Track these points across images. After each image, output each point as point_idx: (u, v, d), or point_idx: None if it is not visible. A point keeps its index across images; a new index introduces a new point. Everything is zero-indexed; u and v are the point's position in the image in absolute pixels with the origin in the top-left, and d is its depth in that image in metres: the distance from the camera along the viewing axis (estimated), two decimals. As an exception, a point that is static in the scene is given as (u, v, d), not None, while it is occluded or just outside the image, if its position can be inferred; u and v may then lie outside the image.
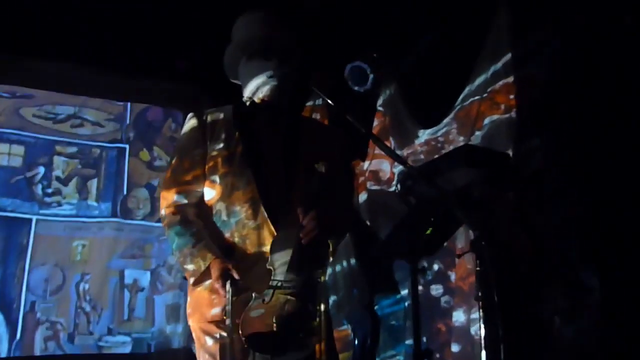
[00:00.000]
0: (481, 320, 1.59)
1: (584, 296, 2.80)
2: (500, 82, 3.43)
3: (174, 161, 1.99)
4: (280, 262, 1.77)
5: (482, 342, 1.67)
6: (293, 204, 1.85)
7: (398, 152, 3.98)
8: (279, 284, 1.73)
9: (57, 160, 4.32)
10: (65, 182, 4.31)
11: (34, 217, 4.17)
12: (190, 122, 2.00)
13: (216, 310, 1.83)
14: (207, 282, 1.84)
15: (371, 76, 4.02)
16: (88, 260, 4.25)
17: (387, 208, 3.87)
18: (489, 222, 1.76)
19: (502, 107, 3.41)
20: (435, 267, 3.53)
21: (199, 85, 4.36)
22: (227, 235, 1.90)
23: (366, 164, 4.22)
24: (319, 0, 4.02)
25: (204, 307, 1.87)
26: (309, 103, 4.33)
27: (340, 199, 2.04)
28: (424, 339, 3.41)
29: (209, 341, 1.85)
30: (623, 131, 2.83)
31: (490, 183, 1.94)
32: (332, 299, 3.97)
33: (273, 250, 1.80)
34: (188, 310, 1.96)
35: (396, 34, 4.13)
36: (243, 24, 2.06)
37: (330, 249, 1.77)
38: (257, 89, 1.98)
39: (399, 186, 2.13)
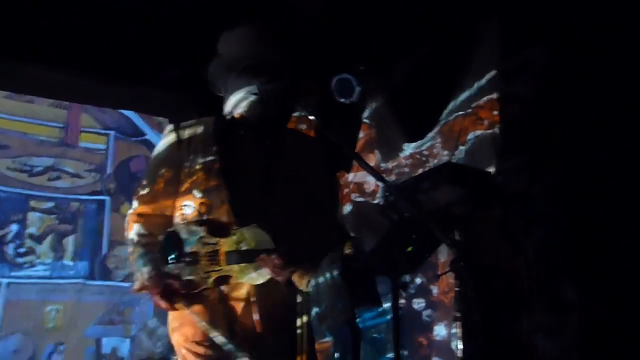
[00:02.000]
0: (459, 339, 1.60)
1: (566, 312, 2.82)
2: (485, 98, 3.47)
3: (145, 180, 2.00)
4: None
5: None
6: (269, 220, 1.87)
7: (383, 164, 4.01)
8: None
9: (32, 216, 4.08)
10: (39, 240, 4.06)
11: (4, 281, 3.89)
12: (167, 139, 2.00)
13: (195, 329, 1.82)
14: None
15: (357, 89, 4.04)
16: (62, 327, 3.94)
17: (371, 220, 3.89)
18: (469, 241, 1.77)
19: (486, 122, 3.44)
20: (418, 280, 3.54)
21: (186, 93, 4.35)
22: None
23: (351, 176, 4.24)
24: (317, 9, 4.03)
25: (185, 326, 1.86)
26: (295, 113, 4.34)
27: (324, 214, 2.05)
28: (406, 353, 3.42)
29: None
30: (607, 149, 2.87)
31: (471, 201, 1.96)
32: (314, 310, 3.96)
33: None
34: (170, 325, 1.95)
35: (383, 47, 4.17)
36: (231, 39, 2.05)
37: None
38: (241, 104, 1.99)
39: (381, 201, 2.13)
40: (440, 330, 3.28)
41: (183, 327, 1.88)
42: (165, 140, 2.00)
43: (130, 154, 4.42)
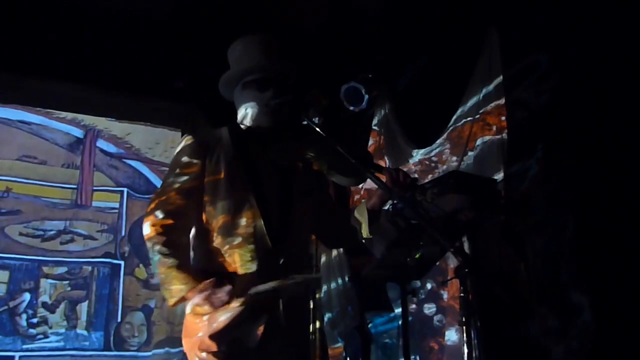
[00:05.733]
0: (465, 344, 1.63)
1: (574, 316, 2.83)
2: (492, 104, 3.49)
3: (166, 183, 1.95)
4: None
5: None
6: (291, 228, 1.90)
7: (392, 170, 4.02)
8: None
9: (44, 283, 3.95)
10: (52, 308, 3.92)
11: (17, 355, 3.75)
12: (187, 144, 1.97)
13: (203, 334, 1.85)
14: (191, 306, 1.85)
15: (366, 96, 4.08)
16: (77, 405, 3.71)
17: (381, 226, 3.91)
18: (475, 247, 1.80)
19: (494, 128, 3.46)
20: (428, 286, 3.56)
21: (195, 104, 4.41)
22: (225, 258, 1.89)
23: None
24: (315, 22, 4.07)
25: (193, 333, 1.89)
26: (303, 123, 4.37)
27: (337, 216, 2.08)
28: (417, 358, 3.44)
29: None
30: (612, 154, 2.88)
31: (477, 208, 1.99)
32: (326, 316, 3.99)
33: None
34: (183, 333, 1.98)
35: (391, 55, 4.20)
36: (239, 50, 2.05)
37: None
38: (250, 116, 2.01)
39: (390, 209, 2.17)
40: (451, 335, 3.30)
41: (189, 336, 1.89)
42: (186, 145, 1.96)
43: (143, 213, 4.33)
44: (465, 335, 1.65)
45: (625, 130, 2.80)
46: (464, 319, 1.63)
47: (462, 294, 1.64)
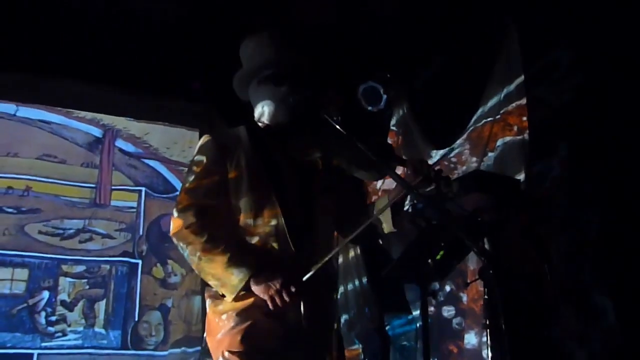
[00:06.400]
0: (489, 347, 1.59)
1: (597, 319, 2.78)
2: (513, 104, 3.44)
3: (190, 183, 1.90)
4: None
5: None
6: (313, 226, 1.88)
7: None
8: None
9: (63, 281, 3.98)
10: (70, 306, 3.94)
11: (36, 352, 3.76)
12: (207, 143, 1.94)
13: (224, 333, 1.82)
14: (221, 306, 1.84)
15: (384, 96, 4.05)
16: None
17: (400, 226, 3.87)
18: (497, 248, 1.76)
19: (515, 128, 3.41)
20: (447, 288, 3.52)
21: (212, 104, 4.41)
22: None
23: (379, 183, 4.24)
24: (333, 20, 4.05)
25: (215, 332, 1.86)
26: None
27: (359, 212, 2.06)
28: (436, 361, 3.39)
29: None
30: (637, 152, 2.82)
31: (500, 209, 1.95)
32: (343, 317, 3.97)
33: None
34: (206, 331, 1.93)
35: (409, 54, 4.17)
36: (251, 47, 2.03)
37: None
38: (268, 113, 1.98)
39: (410, 208, 2.14)
40: (470, 339, 3.25)
41: (211, 334, 1.85)
42: (206, 145, 1.92)
43: (160, 212, 4.33)
44: (489, 338, 1.60)
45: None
46: (487, 322, 1.59)
47: (486, 296, 1.60)
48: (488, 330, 1.61)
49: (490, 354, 1.61)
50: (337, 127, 1.84)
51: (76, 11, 3.80)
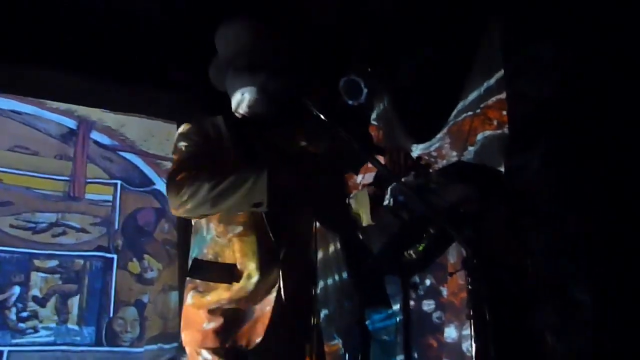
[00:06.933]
0: (472, 338, 1.58)
1: (576, 312, 2.80)
2: (493, 98, 3.45)
3: (172, 168, 1.83)
4: None
5: (473, 359, 1.66)
6: (293, 216, 1.85)
7: (391, 166, 3.98)
8: None
9: (35, 276, 3.86)
10: (43, 302, 3.83)
11: (6, 350, 3.65)
12: (189, 130, 1.87)
13: (203, 329, 1.79)
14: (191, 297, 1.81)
15: (365, 90, 4.03)
16: (66, 403, 3.62)
17: (379, 220, 3.87)
18: (480, 239, 1.75)
19: (495, 122, 3.42)
20: (427, 282, 3.52)
21: (192, 94, 4.34)
22: (225, 248, 1.82)
23: (359, 177, 4.22)
24: (312, 15, 4.02)
25: (193, 326, 1.82)
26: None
27: (340, 203, 2.04)
28: (415, 355, 3.39)
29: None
30: (615, 149, 2.84)
31: (482, 200, 1.94)
32: (323, 312, 3.95)
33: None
34: (182, 325, 1.90)
35: (390, 48, 4.16)
36: (227, 34, 1.98)
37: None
38: (246, 102, 1.94)
39: (391, 201, 2.12)
40: (450, 332, 3.26)
41: (189, 328, 1.83)
42: (189, 128, 1.86)
43: (137, 206, 4.23)
44: (473, 329, 1.59)
45: (627, 126, 2.77)
46: (472, 312, 1.58)
47: (469, 286, 1.59)
48: (472, 320, 1.59)
49: (473, 345, 1.60)
50: (319, 114, 1.81)
51: (52, 0, 3.71)
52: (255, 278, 1.77)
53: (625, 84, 2.82)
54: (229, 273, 1.79)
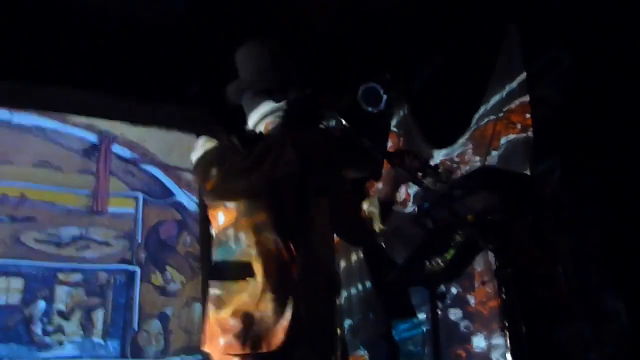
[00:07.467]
0: (509, 351, 1.53)
1: (609, 321, 2.72)
2: (516, 102, 3.39)
3: (212, 178, 1.79)
4: None
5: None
6: (307, 233, 1.83)
7: (412, 173, 3.94)
8: None
9: (60, 291, 3.90)
10: (68, 316, 3.86)
11: None
12: (209, 143, 1.87)
13: (231, 333, 1.77)
14: (217, 307, 1.80)
15: (384, 97, 3.98)
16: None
17: (402, 230, 3.82)
18: (510, 248, 1.70)
19: (519, 126, 3.36)
20: (454, 290, 3.45)
21: (210, 109, 4.35)
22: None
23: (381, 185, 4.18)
24: (329, 22, 4.01)
25: (216, 338, 1.80)
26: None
27: (356, 214, 2.02)
28: (443, 365, 3.32)
29: None
30: (635, 151, 2.77)
31: (510, 207, 1.89)
32: (347, 323, 3.90)
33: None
34: (207, 336, 1.89)
35: (409, 53, 4.12)
36: (247, 57, 2.01)
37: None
38: (260, 124, 1.95)
39: (416, 209, 2.07)
40: (479, 342, 3.19)
41: (213, 339, 1.82)
42: (208, 144, 1.86)
43: (159, 219, 4.26)
44: (510, 341, 1.54)
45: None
46: (506, 324, 1.52)
47: (503, 296, 1.53)
48: (506, 332, 1.54)
49: (509, 357, 1.54)
50: (343, 122, 1.79)
51: (71, 16, 3.75)
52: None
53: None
54: (249, 270, 1.79)
